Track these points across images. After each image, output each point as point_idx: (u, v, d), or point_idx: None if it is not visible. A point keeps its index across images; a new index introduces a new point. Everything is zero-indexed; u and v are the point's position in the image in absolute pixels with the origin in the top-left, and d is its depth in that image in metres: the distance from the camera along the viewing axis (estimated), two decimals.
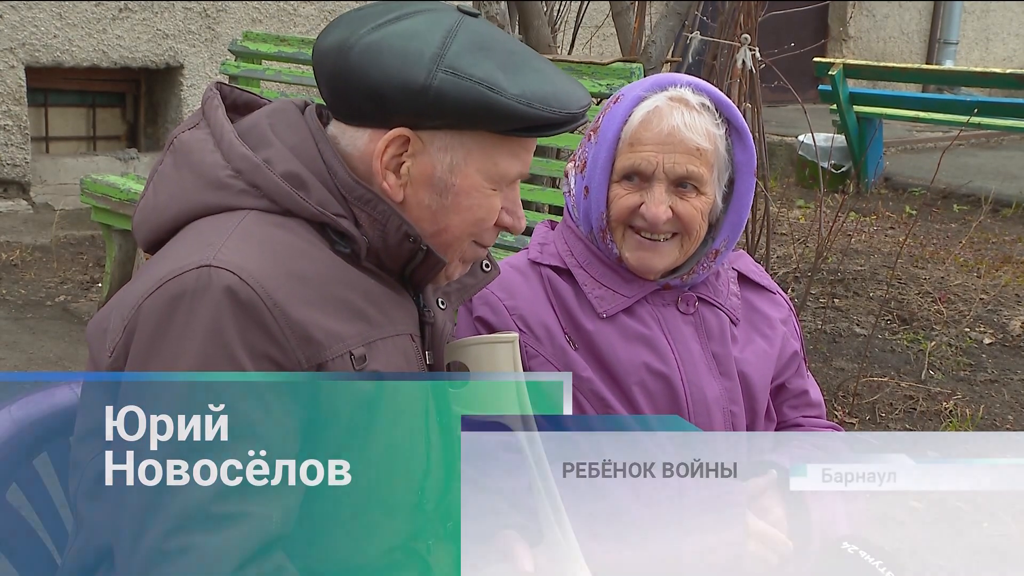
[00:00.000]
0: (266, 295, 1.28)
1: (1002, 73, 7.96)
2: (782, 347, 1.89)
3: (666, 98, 1.75)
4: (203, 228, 1.35)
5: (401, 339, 1.42)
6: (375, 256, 1.41)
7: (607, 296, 1.78)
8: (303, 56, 4.85)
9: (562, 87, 1.39)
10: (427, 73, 1.32)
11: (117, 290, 1.29)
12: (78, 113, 7.22)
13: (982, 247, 6.52)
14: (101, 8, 6.78)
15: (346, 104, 1.38)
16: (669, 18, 4.55)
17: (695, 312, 1.82)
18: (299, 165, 1.38)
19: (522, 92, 1.34)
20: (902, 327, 5.03)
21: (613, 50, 6.44)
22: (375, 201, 1.38)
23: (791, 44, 5.24)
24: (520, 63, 1.37)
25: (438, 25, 1.35)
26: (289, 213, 1.37)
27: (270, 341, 1.28)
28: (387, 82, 1.33)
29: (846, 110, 7.78)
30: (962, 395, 4.38)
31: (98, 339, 1.39)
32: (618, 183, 1.77)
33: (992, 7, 12.63)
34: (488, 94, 1.32)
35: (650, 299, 1.81)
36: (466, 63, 1.33)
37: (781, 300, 1.95)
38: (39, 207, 6.58)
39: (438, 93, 1.32)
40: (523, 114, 1.34)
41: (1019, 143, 9.92)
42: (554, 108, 1.36)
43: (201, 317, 1.27)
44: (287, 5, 7.47)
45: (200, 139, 1.41)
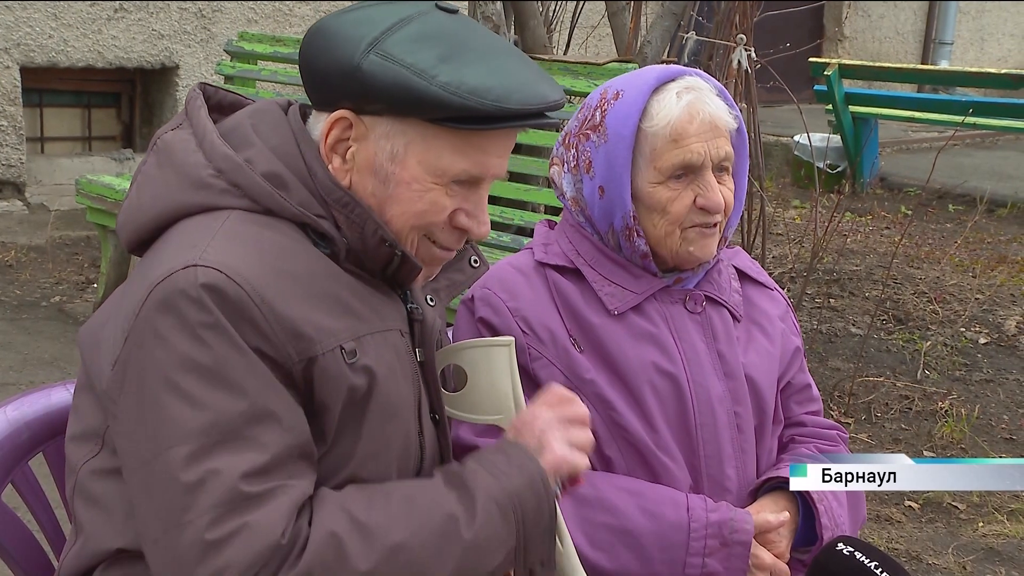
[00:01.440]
0: (254, 292, 1.28)
1: (997, 73, 7.98)
2: (783, 344, 1.87)
3: (684, 87, 1.73)
4: (188, 229, 1.35)
5: (391, 334, 1.42)
6: (355, 257, 1.41)
7: (617, 293, 1.76)
8: (298, 57, 4.84)
9: (514, 82, 1.34)
10: (360, 56, 1.33)
11: (112, 290, 1.29)
12: (73, 113, 7.21)
13: (977, 247, 6.52)
14: (96, 8, 6.77)
15: (308, 88, 1.42)
16: (665, 18, 4.56)
17: (702, 311, 1.80)
18: (280, 165, 1.38)
19: (451, 81, 1.31)
20: (898, 327, 5.03)
21: (609, 50, 6.44)
22: (352, 204, 1.38)
23: (787, 44, 5.24)
24: (471, 57, 1.34)
25: (394, 15, 1.36)
26: (271, 213, 1.37)
27: (260, 337, 1.28)
28: (327, 64, 1.36)
29: (842, 110, 7.79)
30: (957, 395, 4.38)
31: (92, 349, 1.40)
32: (663, 184, 1.72)
33: (987, 7, 12.65)
34: (412, 79, 1.31)
35: (659, 297, 1.79)
36: (401, 50, 1.32)
37: (778, 296, 1.94)
38: (34, 208, 6.57)
39: (366, 76, 1.32)
40: (448, 102, 1.31)
41: (1014, 143, 9.94)
42: (485, 100, 1.31)
43: (195, 316, 1.27)
44: (283, 5, 7.47)
45: (183, 139, 1.42)
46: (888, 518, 3.50)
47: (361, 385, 1.35)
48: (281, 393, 1.29)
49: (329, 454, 1.36)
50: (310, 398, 1.33)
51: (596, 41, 7.33)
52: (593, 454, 1.72)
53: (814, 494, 1.75)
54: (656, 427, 1.72)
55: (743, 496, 1.77)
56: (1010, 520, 3.51)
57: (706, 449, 1.74)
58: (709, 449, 1.74)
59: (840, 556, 1.64)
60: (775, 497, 1.77)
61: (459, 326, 1.79)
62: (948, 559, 3.26)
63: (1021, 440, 4.07)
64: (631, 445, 1.72)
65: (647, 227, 1.75)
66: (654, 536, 1.67)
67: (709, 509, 1.69)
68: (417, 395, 1.46)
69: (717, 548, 1.67)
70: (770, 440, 1.83)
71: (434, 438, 1.51)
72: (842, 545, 1.66)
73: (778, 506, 1.76)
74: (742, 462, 1.77)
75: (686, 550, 1.67)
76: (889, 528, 3.44)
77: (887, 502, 3.58)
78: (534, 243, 1.86)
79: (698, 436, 1.74)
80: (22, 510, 1.62)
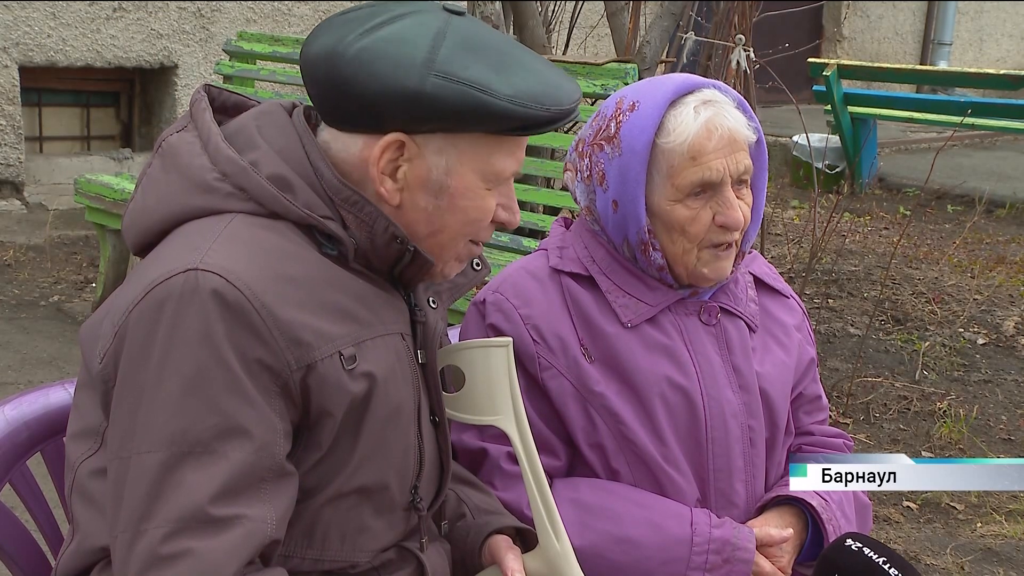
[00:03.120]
0: (254, 297, 1.28)
1: (995, 74, 7.97)
2: (799, 355, 1.85)
3: (702, 101, 1.68)
4: (190, 232, 1.35)
5: (392, 338, 1.42)
6: (363, 257, 1.41)
7: (631, 305, 1.73)
8: (297, 56, 4.84)
9: (553, 83, 1.38)
10: (419, 78, 1.31)
11: (111, 290, 1.29)
12: (72, 113, 7.20)
13: (976, 247, 6.52)
14: (95, 8, 6.76)
15: (338, 111, 1.38)
16: (664, 18, 4.55)
17: (717, 323, 1.77)
18: (286, 168, 1.37)
19: (515, 92, 1.33)
20: (896, 327, 5.04)
21: (608, 50, 6.44)
22: (362, 203, 1.38)
23: (786, 44, 5.24)
24: (511, 62, 1.36)
25: (426, 27, 1.35)
26: (276, 216, 1.36)
27: (259, 343, 1.28)
28: (380, 89, 1.32)
29: (840, 111, 7.79)
30: (956, 395, 4.38)
31: (91, 345, 1.40)
32: (680, 202, 1.68)
33: (986, 8, 12.65)
34: (482, 96, 1.32)
35: (673, 308, 1.75)
36: (457, 66, 1.32)
37: (795, 304, 1.90)
38: (33, 207, 6.56)
39: (432, 98, 1.31)
40: (517, 114, 1.34)
41: (1013, 144, 9.93)
42: (547, 106, 1.35)
43: (189, 321, 1.26)
44: (281, 5, 7.46)
45: (188, 142, 1.41)
46: (886, 518, 3.50)
47: (360, 391, 1.35)
48: (261, 410, 1.28)
49: (326, 459, 1.36)
50: (307, 406, 1.32)
51: (595, 41, 7.33)
52: (600, 466, 1.72)
53: (823, 513, 1.74)
54: (665, 440, 1.70)
55: (750, 511, 1.76)
56: (1008, 521, 3.51)
57: (716, 463, 1.73)
58: (719, 463, 1.73)
59: (849, 551, 1.64)
60: (781, 512, 1.76)
61: (467, 328, 1.77)
62: (946, 559, 3.26)
63: (1019, 440, 4.07)
64: (638, 458, 1.70)
65: (664, 243, 1.71)
66: (655, 548, 1.66)
67: (713, 524, 1.68)
68: (417, 398, 1.46)
69: (719, 564, 1.67)
70: (780, 453, 1.81)
71: (433, 440, 1.51)
72: (851, 541, 1.66)
73: (784, 521, 1.75)
74: (752, 476, 1.75)
75: (687, 564, 1.66)
76: (887, 528, 3.44)
77: (885, 502, 3.58)
78: (549, 245, 1.82)
79: (709, 450, 1.72)
80: (20, 510, 1.62)
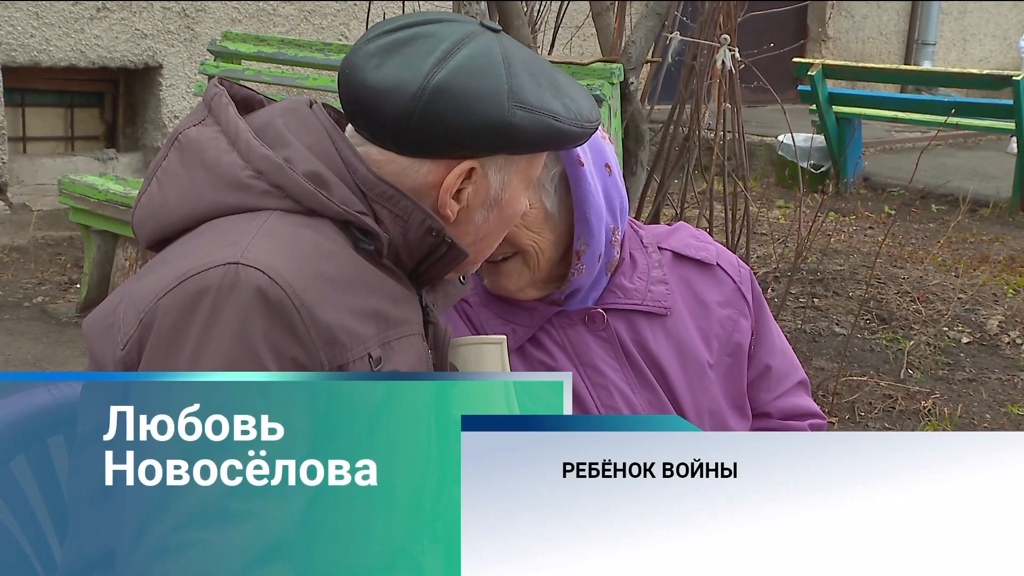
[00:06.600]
0: (295, 296, 1.27)
1: (979, 74, 8.02)
2: (726, 333, 1.76)
3: None
4: (224, 227, 1.33)
5: (415, 338, 1.43)
6: (393, 253, 1.41)
7: (506, 330, 1.70)
8: (283, 56, 4.83)
9: (584, 98, 1.45)
10: (505, 111, 1.35)
11: (96, 291, 1.28)
12: (56, 113, 7.17)
13: (960, 247, 6.55)
14: (79, 7, 6.73)
15: (407, 139, 1.37)
16: (649, 18, 4.56)
17: (606, 327, 1.71)
18: (319, 164, 1.36)
19: (571, 114, 1.40)
20: (881, 326, 5.06)
21: (593, 50, 6.44)
22: (397, 197, 1.38)
23: (771, 44, 5.25)
24: (554, 82, 1.42)
25: (492, 55, 1.37)
26: (313, 212, 1.35)
27: (296, 343, 1.27)
28: (466, 124, 1.35)
29: (825, 110, 7.82)
30: (940, 394, 4.40)
31: (103, 335, 1.36)
32: None
33: (969, 8, 12.72)
34: (553, 124, 1.38)
35: (555, 322, 1.71)
36: (530, 96, 1.37)
37: (724, 275, 1.79)
38: (16, 208, 6.53)
39: (517, 129, 1.36)
40: (577, 135, 1.42)
41: (996, 143, 9.98)
42: (590, 124, 1.44)
43: (227, 315, 1.25)
44: (267, 5, 7.45)
45: (211, 137, 1.38)
46: None
47: (380, 391, 1.35)
48: None
49: None
50: None
51: (580, 41, 7.33)
52: None
53: None
54: None
55: None
56: None
57: None
58: None
59: None
60: None
61: None
62: None
63: None
64: None
65: None
66: None
67: None
68: None
69: None
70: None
71: None
72: None
73: None
74: None
75: None
76: None
77: None
78: None
79: None
80: (2, 513, 1.61)
